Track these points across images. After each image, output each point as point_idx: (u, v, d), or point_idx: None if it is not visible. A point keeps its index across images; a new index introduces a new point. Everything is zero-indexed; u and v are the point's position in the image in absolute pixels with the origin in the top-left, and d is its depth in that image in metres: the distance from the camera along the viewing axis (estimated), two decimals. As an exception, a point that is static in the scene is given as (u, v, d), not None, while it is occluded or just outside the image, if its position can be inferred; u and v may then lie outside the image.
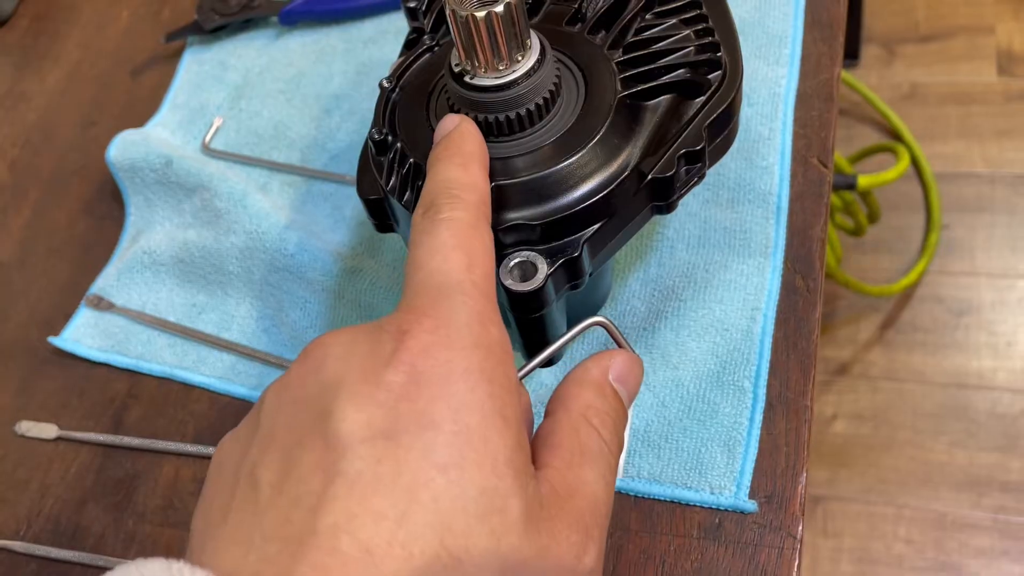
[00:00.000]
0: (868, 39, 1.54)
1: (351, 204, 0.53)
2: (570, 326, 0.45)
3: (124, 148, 0.56)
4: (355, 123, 0.57)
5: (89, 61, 0.68)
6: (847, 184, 1.18)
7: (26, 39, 0.71)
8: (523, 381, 0.30)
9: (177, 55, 0.65)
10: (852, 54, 1.52)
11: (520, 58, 0.32)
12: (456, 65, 0.33)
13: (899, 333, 1.29)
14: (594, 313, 0.45)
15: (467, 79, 0.33)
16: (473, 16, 0.30)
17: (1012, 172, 1.38)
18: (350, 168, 0.55)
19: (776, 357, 0.43)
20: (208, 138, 0.59)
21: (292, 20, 0.62)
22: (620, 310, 0.46)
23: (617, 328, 0.32)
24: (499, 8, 0.30)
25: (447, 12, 0.31)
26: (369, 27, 0.61)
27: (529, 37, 0.33)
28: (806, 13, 0.52)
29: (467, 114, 0.33)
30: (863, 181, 1.18)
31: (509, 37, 0.31)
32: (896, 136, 1.43)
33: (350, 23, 0.62)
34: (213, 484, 0.25)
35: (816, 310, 0.44)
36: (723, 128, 0.36)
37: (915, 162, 1.39)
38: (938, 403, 1.22)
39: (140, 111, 0.63)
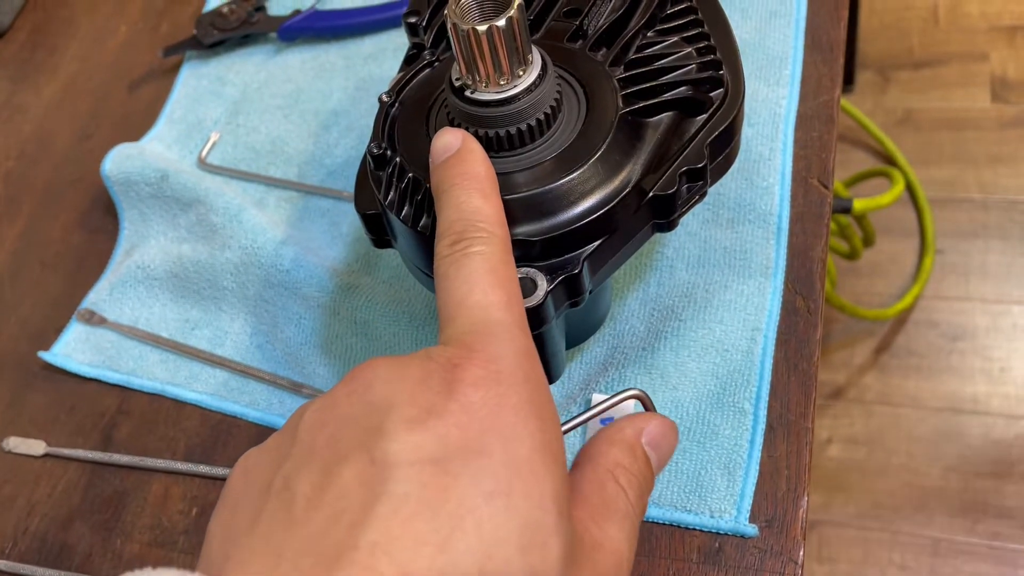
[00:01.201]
0: (863, 65, 1.56)
1: (348, 220, 0.53)
2: (570, 349, 0.44)
3: (119, 162, 0.56)
4: (353, 139, 0.56)
5: (86, 74, 0.68)
6: (842, 208, 1.18)
7: (24, 51, 0.71)
8: None
9: (175, 69, 0.65)
10: (847, 79, 1.53)
11: (521, 73, 0.32)
12: (457, 79, 0.33)
13: (894, 357, 1.29)
14: (593, 332, 0.45)
15: (468, 93, 0.32)
16: (475, 30, 0.30)
17: (1006, 198, 1.39)
18: (347, 184, 0.54)
19: (777, 378, 0.42)
20: (204, 153, 0.58)
21: (291, 36, 0.62)
22: (619, 329, 0.45)
23: (652, 401, 0.32)
24: (501, 22, 0.30)
25: (448, 26, 0.31)
26: (368, 44, 0.61)
27: (531, 52, 0.33)
28: (806, 35, 0.52)
29: (467, 129, 0.33)
30: (858, 205, 1.18)
31: (511, 51, 0.31)
32: (890, 161, 1.43)
33: (349, 40, 0.61)
34: (237, 493, 0.25)
35: (817, 331, 0.43)
36: (725, 146, 0.36)
37: (909, 187, 1.39)
38: (932, 428, 1.22)
39: (136, 125, 0.63)
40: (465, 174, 0.30)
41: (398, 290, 0.48)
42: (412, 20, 0.40)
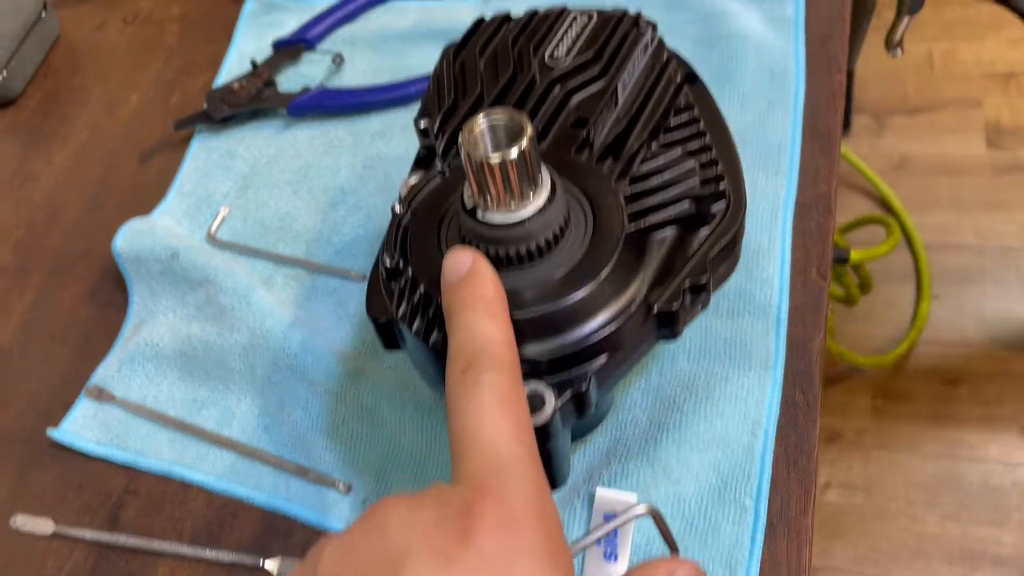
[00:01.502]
0: (859, 110, 1.58)
1: (355, 300, 0.54)
2: (574, 442, 0.45)
3: (131, 238, 0.57)
4: (360, 217, 0.57)
5: (97, 143, 0.69)
6: (840, 258, 1.19)
7: (35, 119, 0.72)
8: None
9: (185, 141, 0.66)
10: (843, 124, 1.55)
11: (532, 195, 0.33)
12: (468, 199, 0.34)
13: (891, 403, 1.30)
14: (596, 426, 0.46)
15: (479, 216, 0.33)
16: (487, 161, 0.31)
17: (1001, 244, 1.40)
18: (355, 263, 0.55)
19: (777, 474, 0.43)
20: (214, 228, 0.59)
21: (300, 112, 0.63)
22: (622, 419, 0.46)
23: (663, 518, 0.32)
24: (513, 155, 0.31)
25: (462, 154, 0.32)
26: (375, 121, 0.62)
27: (540, 173, 0.33)
28: (804, 124, 0.54)
29: (478, 246, 0.34)
30: (855, 255, 1.19)
31: (522, 178, 0.32)
32: (886, 205, 1.45)
33: (357, 116, 0.63)
34: None
35: (816, 426, 0.44)
36: (727, 257, 0.37)
37: (906, 233, 1.41)
38: (930, 474, 1.23)
39: (147, 195, 0.64)
40: (476, 296, 0.31)
41: (403, 375, 0.49)
42: (423, 126, 0.41)
